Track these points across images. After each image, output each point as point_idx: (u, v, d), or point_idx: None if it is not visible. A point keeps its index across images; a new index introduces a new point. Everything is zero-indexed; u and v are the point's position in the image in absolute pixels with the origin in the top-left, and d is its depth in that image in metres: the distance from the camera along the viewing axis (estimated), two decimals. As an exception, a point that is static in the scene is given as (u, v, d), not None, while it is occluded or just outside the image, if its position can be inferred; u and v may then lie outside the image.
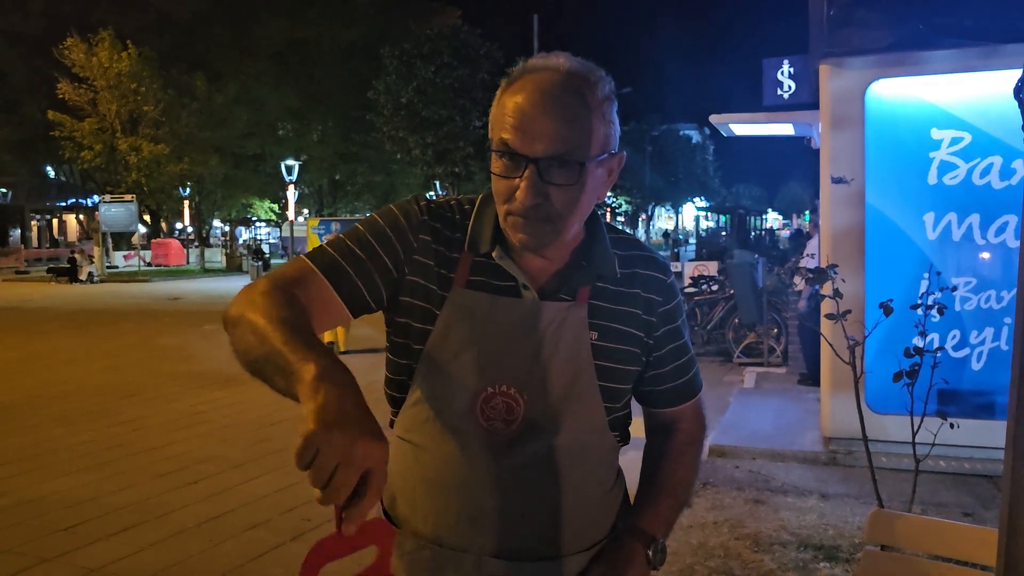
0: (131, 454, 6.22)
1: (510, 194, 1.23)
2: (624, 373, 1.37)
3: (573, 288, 1.33)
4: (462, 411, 1.30)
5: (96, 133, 34.79)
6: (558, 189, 1.22)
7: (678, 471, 1.48)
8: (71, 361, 11.00)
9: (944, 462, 5.17)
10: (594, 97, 1.24)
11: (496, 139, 1.24)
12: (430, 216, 1.34)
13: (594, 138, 1.24)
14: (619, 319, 1.36)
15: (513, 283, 1.31)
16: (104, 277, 28.97)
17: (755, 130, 11.14)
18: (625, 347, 1.36)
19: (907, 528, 1.96)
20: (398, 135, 31.58)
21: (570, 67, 1.24)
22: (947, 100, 5.35)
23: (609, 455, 1.40)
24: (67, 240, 44.64)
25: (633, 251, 1.41)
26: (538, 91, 1.22)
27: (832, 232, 5.57)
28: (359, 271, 1.29)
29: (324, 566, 1.09)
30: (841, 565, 3.95)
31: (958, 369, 5.30)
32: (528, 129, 1.20)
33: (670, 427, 1.51)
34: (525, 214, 1.23)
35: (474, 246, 1.32)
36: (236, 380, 9.01)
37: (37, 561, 4.21)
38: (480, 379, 1.29)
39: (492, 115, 1.28)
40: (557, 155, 1.20)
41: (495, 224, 1.31)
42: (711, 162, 75.65)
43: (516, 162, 1.22)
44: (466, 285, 1.31)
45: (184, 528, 4.68)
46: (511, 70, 1.29)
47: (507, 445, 1.29)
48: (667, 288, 1.42)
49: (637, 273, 1.39)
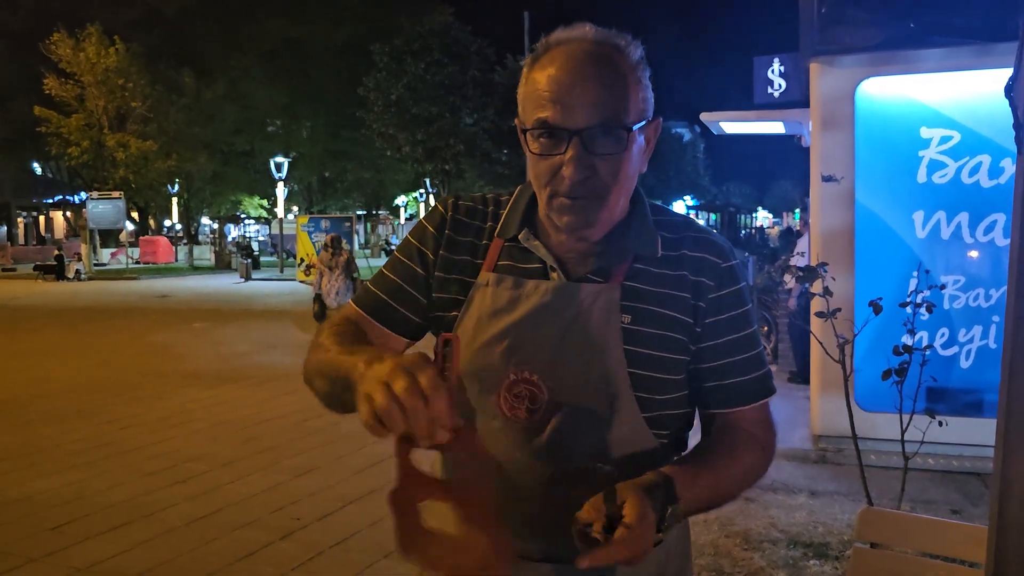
0: (120, 452, 6.19)
1: (553, 173, 1.18)
2: (663, 360, 1.24)
3: (607, 268, 1.25)
4: (485, 398, 1.25)
5: (83, 129, 34.59)
6: (604, 160, 1.17)
7: (731, 461, 1.26)
8: (59, 359, 10.94)
9: (933, 460, 5.20)
10: (627, 61, 1.19)
11: (531, 119, 1.19)
12: (455, 211, 1.35)
13: (633, 103, 1.18)
14: (659, 302, 1.24)
15: (541, 265, 1.27)
16: (92, 275, 28.80)
17: (746, 128, 11.16)
18: (664, 332, 1.24)
19: (896, 525, 1.96)
20: (388, 132, 31.54)
21: (597, 34, 1.20)
22: (937, 99, 5.37)
23: (646, 456, 1.23)
24: (54, 237, 44.35)
25: (685, 232, 1.30)
26: (571, 59, 1.17)
27: (822, 230, 5.59)
28: (401, 300, 1.33)
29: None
30: (831, 563, 3.96)
31: (947, 367, 5.33)
32: (567, 101, 1.15)
33: (726, 429, 1.30)
34: (573, 192, 1.18)
35: (504, 232, 1.31)
36: (225, 378, 8.99)
37: (25, 561, 4.18)
38: (504, 364, 1.24)
39: (522, 95, 1.23)
40: (601, 123, 1.15)
41: (526, 209, 1.29)
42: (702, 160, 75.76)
43: (558, 138, 1.16)
44: (493, 270, 1.29)
45: (173, 527, 4.65)
46: (535, 45, 1.24)
47: (530, 435, 1.23)
48: (723, 272, 1.28)
49: (685, 255, 1.27)
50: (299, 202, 45.92)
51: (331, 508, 4.90)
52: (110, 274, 29.79)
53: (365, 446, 6.09)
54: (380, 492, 5.22)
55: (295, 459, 5.93)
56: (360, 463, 5.79)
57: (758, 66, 10.03)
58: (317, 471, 5.57)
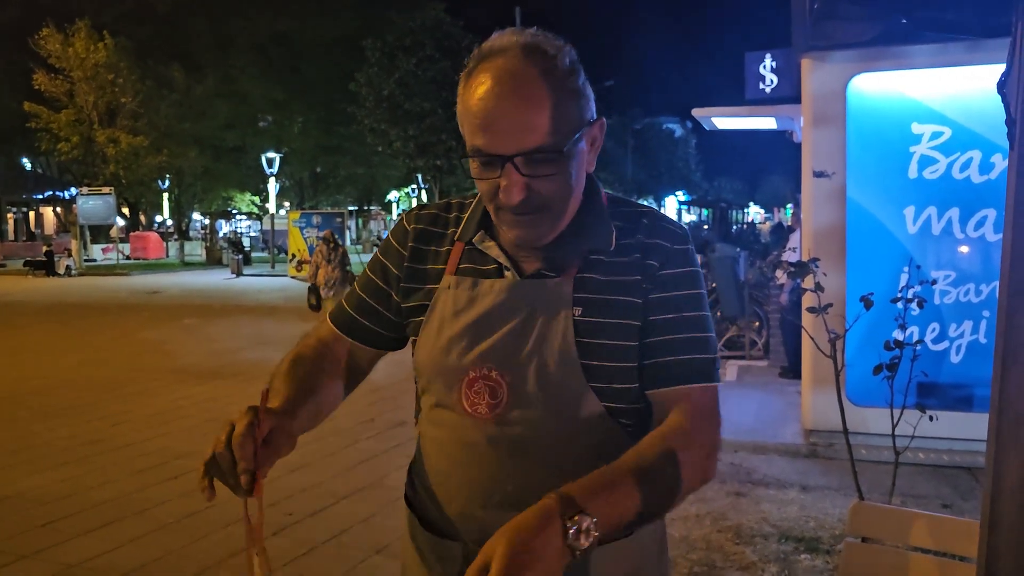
0: (111, 449, 6.16)
1: (494, 193, 1.21)
2: (616, 349, 1.24)
3: (561, 264, 1.28)
4: (448, 397, 1.29)
5: (73, 125, 34.39)
6: (542, 180, 1.19)
7: (651, 455, 1.15)
8: (49, 356, 10.89)
9: (923, 454, 5.22)
10: (557, 72, 1.18)
11: (468, 142, 1.21)
12: (417, 222, 1.40)
13: (567, 118, 1.18)
14: (612, 291, 1.26)
15: (496, 265, 1.31)
16: (82, 270, 28.68)
17: (737, 124, 11.15)
18: (618, 321, 1.25)
19: (887, 520, 1.98)
20: (380, 128, 31.47)
21: (524, 46, 1.18)
22: (928, 95, 5.38)
23: (610, 444, 1.23)
24: (44, 233, 44.09)
25: (641, 220, 1.32)
26: (497, 83, 1.16)
27: (814, 226, 5.60)
28: (370, 316, 1.41)
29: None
30: (822, 557, 3.98)
31: (937, 362, 5.35)
32: (496, 128, 1.16)
33: (662, 413, 1.25)
34: (516, 210, 1.20)
35: (464, 235, 1.34)
36: (216, 375, 8.97)
37: (15, 558, 4.16)
38: (464, 363, 1.27)
39: (459, 113, 1.24)
40: (534, 148, 1.16)
41: (484, 211, 1.31)
42: (693, 155, 75.88)
43: (492, 163, 1.19)
44: (455, 272, 1.33)
45: (164, 524, 4.64)
46: (466, 61, 1.24)
47: (492, 429, 1.26)
48: (672, 254, 1.28)
49: (639, 240, 1.29)
50: (291, 198, 45.79)
51: (323, 504, 4.90)
52: (101, 270, 29.66)
53: (357, 442, 6.09)
54: (372, 488, 5.22)
55: (287, 455, 5.90)
56: (352, 459, 5.78)
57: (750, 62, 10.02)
58: (309, 467, 5.56)
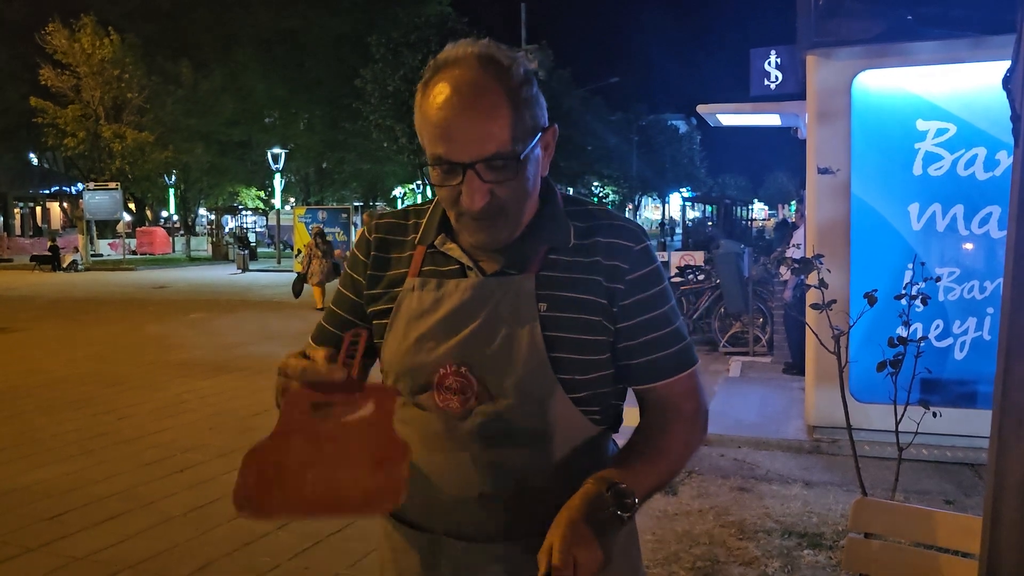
0: (117, 443, 6.20)
1: (455, 199, 1.26)
2: (580, 343, 1.30)
3: (522, 261, 1.32)
4: (419, 393, 1.33)
5: (79, 120, 34.45)
6: (500, 185, 1.24)
7: (661, 440, 1.35)
8: (56, 350, 10.93)
9: (926, 450, 5.23)
10: (511, 83, 1.23)
11: (428, 151, 1.25)
12: (377, 231, 1.44)
13: (524, 125, 1.24)
14: (574, 287, 1.31)
15: (459, 266, 1.34)
16: (89, 265, 28.77)
17: (742, 120, 11.15)
18: (581, 316, 1.30)
19: (890, 516, 1.98)
20: (385, 123, 31.49)
21: (480, 56, 1.23)
22: (933, 91, 5.37)
23: (580, 436, 1.33)
24: (51, 228, 44.19)
25: (597, 220, 1.36)
26: (455, 93, 1.21)
27: (818, 222, 5.60)
28: (345, 328, 1.41)
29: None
30: (825, 552, 3.99)
31: (941, 358, 5.35)
32: (454, 137, 1.21)
33: (658, 405, 1.38)
34: (476, 215, 1.25)
35: (424, 239, 1.38)
36: (222, 369, 9.00)
37: (22, 550, 4.19)
38: (433, 361, 1.31)
39: (417, 123, 1.28)
40: (491, 155, 1.21)
41: (444, 214, 1.34)
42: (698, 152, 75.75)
43: (453, 170, 1.23)
44: (418, 275, 1.36)
45: (170, 516, 4.67)
46: (423, 72, 1.29)
47: (464, 425, 1.30)
48: (636, 255, 1.34)
49: (598, 241, 1.34)
50: (296, 193, 45.83)
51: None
52: (107, 265, 29.74)
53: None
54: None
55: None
56: (357, 454, 5.79)
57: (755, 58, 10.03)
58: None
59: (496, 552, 1.31)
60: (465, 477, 1.30)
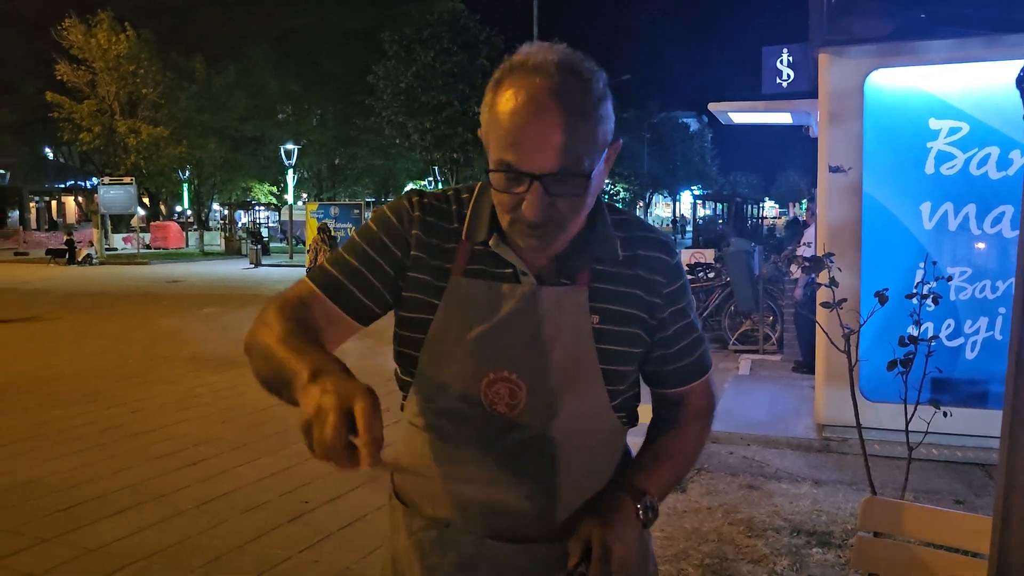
0: (129, 436, 6.25)
1: (515, 207, 1.21)
2: (627, 355, 1.35)
3: (573, 272, 1.32)
4: (465, 396, 1.31)
5: (95, 115, 34.68)
6: (563, 199, 1.20)
7: (680, 439, 1.45)
8: (69, 343, 11.01)
9: (937, 450, 5.21)
10: (590, 97, 1.19)
11: (494, 155, 1.20)
12: (422, 211, 1.35)
13: (596, 141, 1.20)
14: (621, 301, 1.34)
15: (511, 270, 1.31)
16: (103, 259, 28.93)
17: (753, 118, 11.13)
18: (627, 329, 1.34)
19: (900, 515, 1.98)
20: (397, 120, 31.56)
21: (562, 66, 1.18)
22: (946, 90, 5.35)
23: (613, 437, 1.40)
24: (66, 222, 44.44)
25: (635, 232, 1.38)
26: (532, 101, 1.16)
27: (829, 221, 5.59)
28: (359, 284, 1.33)
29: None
30: (834, 551, 3.98)
31: (952, 358, 5.34)
32: (528, 145, 1.16)
33: (677, 404, 1.48)
34: (532, 224, 1.21)
35: (472, 235, 1.32)
36: (234, 363, 9.04)
37: (36, 541, 4.24)
38: (482, 365, 1.29)
39: (485, 122, 1.22)
40: (562, 168, 1.17)
41: (492, 212, 1.30)
42: (709, 150, 75.56)
43: (519, 179, 1.19)
44: (464, 274, 1.32)
45: (183, 509, 4.71)
46: (501, 65, 1.23)
47: (509, 429, 1.30)
48: (671, 268, 1.39)
49: (639, 255, 1.36)
50: (309, 189, 45.93)
51: (339, 491, 4.95)
52: (121, 259, 29.90)
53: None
54: (387, 477, 5.25)
55: (303, 443, 5.96)
56: (367, 449, 5.82)
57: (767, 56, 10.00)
58: (325, 456, 5.61)
59: (537, 553, 1.32)
60: (508, 480, 1.30)
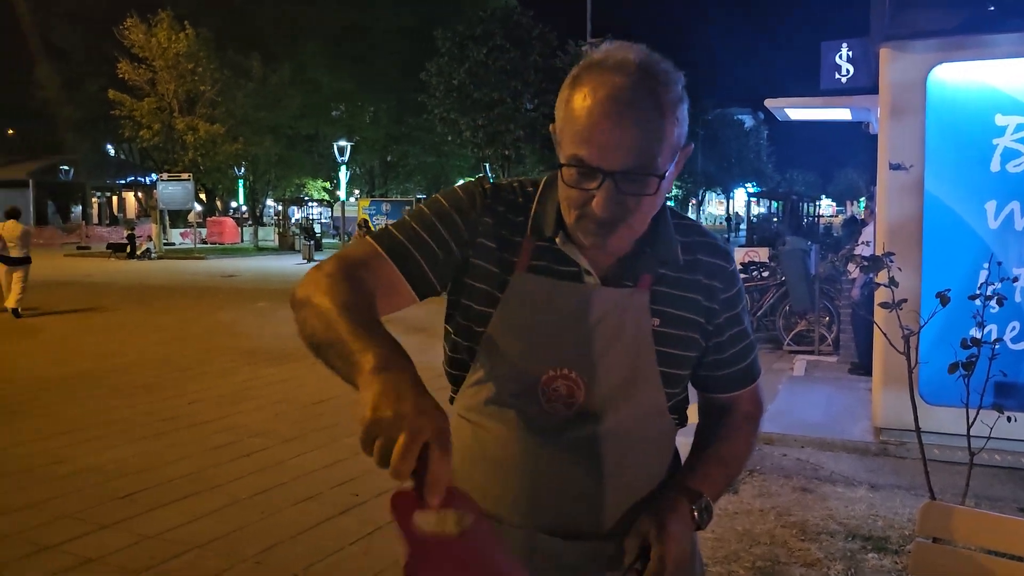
0: (187, 426, 6.39)
1: (584, 203, 1.21)
2: (684, 359, 1.37)
3: (636, 274, 1.32)
4: (522, 393, 1.31)
5: (154, 112, 35.47)
6: (634, 198, 1.20)
7: (732, 443, 1.47)
8: (129, 334, 11.32)
9: (999, 456, 5.06)
10: (668, 100, 1.19)
11: (567, 150, 1.20)
12: (493, 199, 1.34)
13: (671, 143, 1.20)
14: (681, 305, 1.35)
15: (576, 268, 1.30)
16: (161, 254, 29.62)
17: (811, 115, 10.94)
18: (686, 333, 1.35)
19: (960, 521, 1.93)
20: (450, 117, 31.69)
21: (641, 66, 1.18)
22: (1013, 85, 5.19)
23: (666, 437, 1.41)
24: (126, 217, 45.60)
25: (695, 237, 1.39)
26: (610, 99, 1.16)
27: (888, 220, 5.47)
28: (424, 253, 1.30)
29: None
30: (890, 557, 3.90)
31: (1017, 361, 5.17)
32: (603, 143, 1.16)
33: (726, 409, 1.50)
34: (600, 221, 1.21)
35: (537, 231, 1.32)
36: (288, 357, 9.19)
37: (96, 527, 4.36)
38: (541, 362, 1.30)
39: (560, 116, 1.22)
40: (636, 167, 1.17)
41: (559, 209, 1.29)
42: (765, 147, 74.49)
43: (591, 175, 1.19)
44: (528, 269, 1.31)
45: (238, 499, 4.80)
46: (579, 62, 1.23)
47: (565, 426, 1.30)
48: (729, 275, 1.40)
49: (700, 260, 1.37)
50: (361, 185, 46.45)
51: (389, 485, 4.87)
52: (179, 253, 30.61)
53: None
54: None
55: (354, 437, 5.92)
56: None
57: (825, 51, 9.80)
58: (375, 450, 5.68)
59: (592, 549, 1.32)
60: (564, 478, 1.31)
